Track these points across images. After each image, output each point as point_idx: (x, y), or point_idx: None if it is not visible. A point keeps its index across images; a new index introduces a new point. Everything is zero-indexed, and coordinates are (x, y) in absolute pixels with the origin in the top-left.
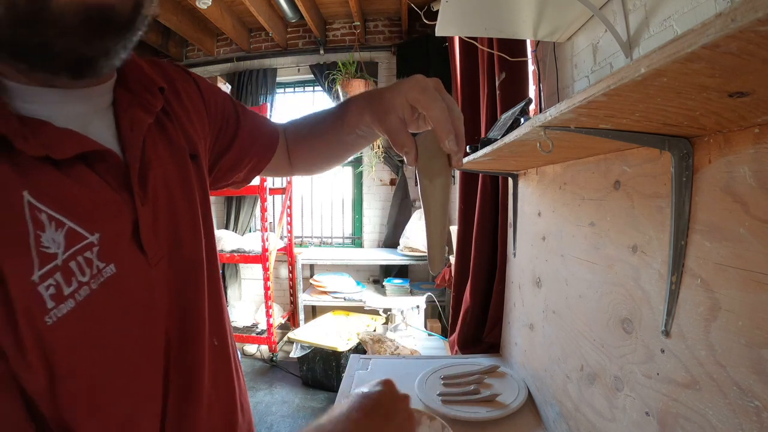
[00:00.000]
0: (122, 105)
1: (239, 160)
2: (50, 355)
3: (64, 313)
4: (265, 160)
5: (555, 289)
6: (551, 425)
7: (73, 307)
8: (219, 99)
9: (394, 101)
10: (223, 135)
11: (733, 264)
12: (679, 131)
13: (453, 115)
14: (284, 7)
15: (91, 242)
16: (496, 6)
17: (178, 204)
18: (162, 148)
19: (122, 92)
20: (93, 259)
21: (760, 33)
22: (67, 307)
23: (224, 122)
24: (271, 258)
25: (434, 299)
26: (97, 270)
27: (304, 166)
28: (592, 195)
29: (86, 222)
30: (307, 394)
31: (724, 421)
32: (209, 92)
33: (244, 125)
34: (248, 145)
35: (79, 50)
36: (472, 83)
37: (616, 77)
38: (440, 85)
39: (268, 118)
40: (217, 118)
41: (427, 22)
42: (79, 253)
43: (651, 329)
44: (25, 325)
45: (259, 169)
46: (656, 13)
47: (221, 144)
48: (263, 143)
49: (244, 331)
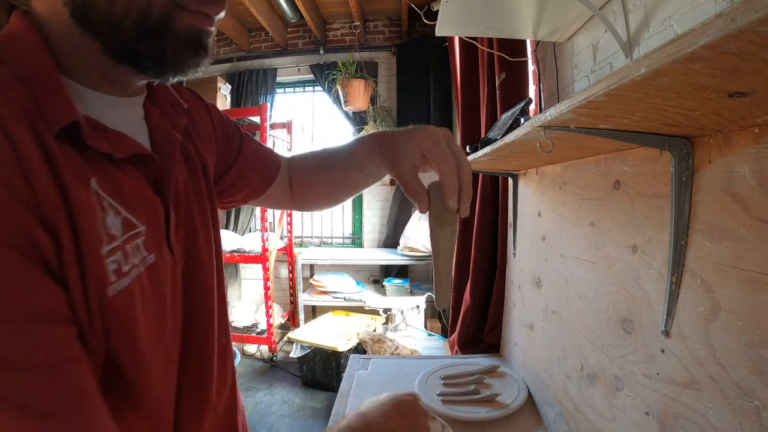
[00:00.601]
0: (153, 119)
1: (236, 182)
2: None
3: (121, 288)
4: (264, 186)
5: (555, 289)
6: (551, 425)
7: (128, 284)
8: (227, 126)
9: (405, 148)
10: (226, 156)
11: (733, 264)
12: (679, 131)
13: (462, 168)
14: (284, 7)
15: (140, 231)
16: (495, 6)
17: (194, 212)
18: (182, 160)
19: (152, 107)
20: (140, 246)
21: (760, 33)
22: (124, 282)
23: (229, 145)
24: (271, 258)
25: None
26: (143, 256)
27: (306, 200)
28: (592, 195)
29: (136, 213)
30: (307, 394)
31: (724, 421)
32: (218, 117)
33: (246, 151)
34: (247, 170)
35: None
36: (472, 83)
37: (616, 77)
38: (450, 135)
39: (272, 150)
40: (223, 141)
41: (427, 22)
42: (132, 239)
43: (651, 329)
44: (94, 291)
45: (257, 195)
46: (656, 13)
47: (223, 164)
48: (263, 170)
49: (244, 331)
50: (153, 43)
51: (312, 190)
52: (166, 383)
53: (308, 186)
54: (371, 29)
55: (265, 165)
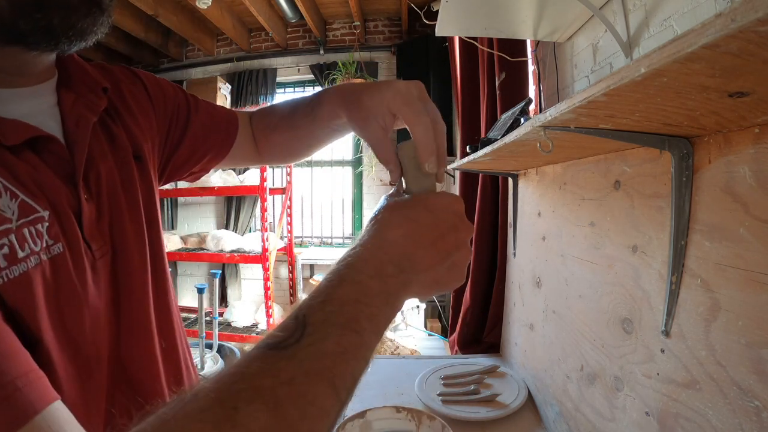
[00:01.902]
0: (67, 104)
1: (192, 153)
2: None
3: (16, 275)
4: (224, 151)
5: (555, 289)
6: (551, 425)
7: (24, 271)
8: (168, 93)
9: (374, 108)
10: (174, 129)
11: (733, 264)
12: (679, 131)
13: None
14: (284, 7)
15: (42, 216)
16: (496, 6)
17: (122, 203)
18: (106, 147)
19: (66, 92)
20: (43, 233)
21: (760, 33)
22: (19, 269)
23: (174, 116)
24: (271, 258)
25: (434, 299)
26: (47, 244)
27: (274, 157)
28: (592, 195)
29: (37, 199)
30: None
31: (724, 421)
32: (155, 89)
33: (195, 118)
34: (202, 138)
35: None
36: (472, 83)
37: (616, 77)
38: (423, 92)
39: (226, 108)
40: (166, 113)
41: (427, 22)
42: (31, 224)
43: (651, 329)
44: None
45: (218, 160)
46: (656, 13)
47: (173, 138)
48: (219, 135)
49: (244, 331)
50: (34, 14)
51: (277, 146)
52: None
53: (273, 142)
54: (371, 29)
55: (223, 125)
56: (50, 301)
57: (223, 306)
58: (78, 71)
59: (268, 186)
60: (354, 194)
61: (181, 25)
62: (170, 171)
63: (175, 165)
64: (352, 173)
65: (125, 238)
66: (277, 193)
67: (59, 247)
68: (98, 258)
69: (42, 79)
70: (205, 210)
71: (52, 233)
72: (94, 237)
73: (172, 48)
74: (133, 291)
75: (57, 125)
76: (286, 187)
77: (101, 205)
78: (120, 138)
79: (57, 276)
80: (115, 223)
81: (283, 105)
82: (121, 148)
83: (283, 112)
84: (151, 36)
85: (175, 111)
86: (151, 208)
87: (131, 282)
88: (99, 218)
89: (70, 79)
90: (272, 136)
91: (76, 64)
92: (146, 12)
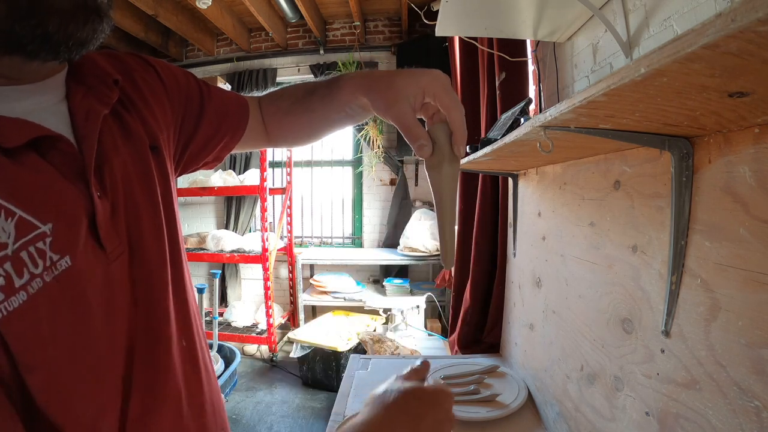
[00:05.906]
0: (76, 98)
1: (209, 141)
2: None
3: (15, 306)
4: (237, 137)
5: (555, 289)
6: (551, 425)
7: (25, 299)
8: (181, 80)
9: (407, 90)
10: (188, 118)
11: (733, 264)
12: (679, 131)
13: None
14: (284, 7)
15: (43, 232)
16: (496, 6)
17: (138, 198)
18: (120, 140)
19: (75, 85)
20: (46, 250)
21: (760, 33)
22: (18, 299)
23: (188, 104)
24: (271, 258)
25: (434, 299)
26: (51, 262)
27: (285, 140)
28: (592, 195)
29: (38, 211)
30: (307, 394)
31: (724, 421)
32: (169, 76)
33: (209, 105)
34: (216, 125)
35: (78, 33)
36: (472, 83)
37: (616, 77)
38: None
39: (235, 92)
40: (181, 101)
41: (427, 22)
42: (30, 243)
43: (651, 329)
44: None
45: (231, 147)
46: (656, 13)
47: (188, 127)
48: (232, 120)
49: (244, 331)
50: (29, 21)
51: (288, 129)
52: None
53: (284, 125)
54: (371, 29)
55: (233, 115)
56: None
57: (223, 306)
58: (87, 62)
59: (268, 186)
60: (354, 194)
61: (181, 25)
62: (186, 160)
63: (191, 154)
64: (352, 173)
65: (143, 235)
66: (277, 193)
67: (66, 262)
68: (113, 260)
69: (48, 75)
70: (205, 210)
71: (57, 247)
72: (109, 237)
73: (172, 48)
74: (152, 290)
75: (65, 121)
76: (286, 187)
77: (116, 201)
78: (135, 129)
79: (63, 295)
80: (132, 220)
81: (294, 88)
82: (136, 139)
83: (297, 95)
84: (151, 36)
85: (188, 98)
86: (169, 201)
87: (150, 280)
88: (114, 216)
89: (79, 71)
90: (285, 119)
91: (85, 55)
92: (146, 12)
